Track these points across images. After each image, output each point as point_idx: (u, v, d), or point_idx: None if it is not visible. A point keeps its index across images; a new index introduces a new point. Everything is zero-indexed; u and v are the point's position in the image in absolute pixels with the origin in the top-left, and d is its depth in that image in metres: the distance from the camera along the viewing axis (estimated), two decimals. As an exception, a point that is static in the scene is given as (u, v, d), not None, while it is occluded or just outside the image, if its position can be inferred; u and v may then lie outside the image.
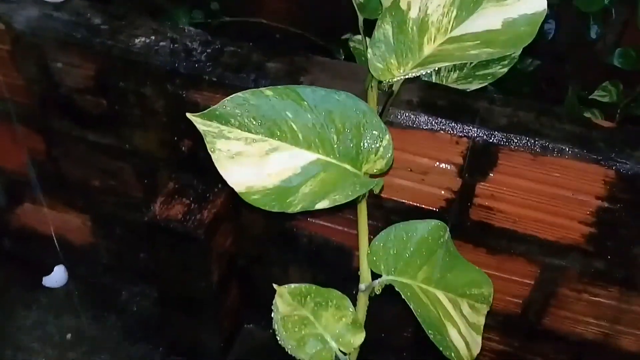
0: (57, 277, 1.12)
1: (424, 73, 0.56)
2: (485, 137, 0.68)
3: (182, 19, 1.31)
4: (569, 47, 1.22)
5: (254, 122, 0.52)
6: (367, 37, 0.80)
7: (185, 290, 0.91)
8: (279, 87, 0.53)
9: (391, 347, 0.93)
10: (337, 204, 0.51)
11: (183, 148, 0.81)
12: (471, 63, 0.74)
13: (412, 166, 0.73)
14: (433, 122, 0.69)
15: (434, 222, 0.55)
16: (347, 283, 0.89)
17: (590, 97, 1.25)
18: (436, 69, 0.73)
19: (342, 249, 0.86)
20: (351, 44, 0.84)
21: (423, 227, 0.55)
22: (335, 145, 0.54)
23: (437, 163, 0.72)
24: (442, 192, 0.74)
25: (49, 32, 0.78)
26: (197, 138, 0.52)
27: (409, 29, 0.57)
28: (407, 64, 0.57)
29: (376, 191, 0.53)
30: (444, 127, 0.69)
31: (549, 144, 0.66)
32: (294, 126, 0.53)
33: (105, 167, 0.89)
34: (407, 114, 0.69)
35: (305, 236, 0.87)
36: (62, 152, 0.91)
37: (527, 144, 0.67)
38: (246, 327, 1.06)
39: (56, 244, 1.08)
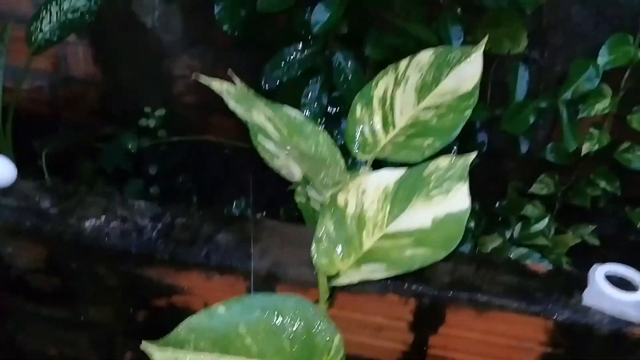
0: None
1: (368, 276, 0.59)
2: (430, 296, 0.71)
3: (130, 144, 1.34)
4: (505, 146, 1.29)
5: (208, 343, 0.54)
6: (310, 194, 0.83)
7: None
8: (231, 300, 0.55)
9: None
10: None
11: (139, 319, 0.82)
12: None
13: (366, 324, 0.75)
14: (380, 287, 0.72)
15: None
16: None
17: (529, 191, 1.33)
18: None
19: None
20: (297, 199, 0.87)
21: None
22: (289, 351, 0.56)
23: (390, 320, 0.75)
24: (397, 345, 0.77)
25: (-3, 220, 0.78)
26: (153, 309, 0.53)
27: (349, 225, 0.61)
28: (350, 256, 0.61)
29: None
30: (391, 290, 0.72)
31: (490, 300, 0.71)
32: (247, 339, 0.55)
33: (61, 338, 0.88)
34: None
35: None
36: (16, 325, 0.90)
37: (470, 301, 0.71)
38: None
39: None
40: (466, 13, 1.11)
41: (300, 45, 0.99)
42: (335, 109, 1.07)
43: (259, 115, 0.60)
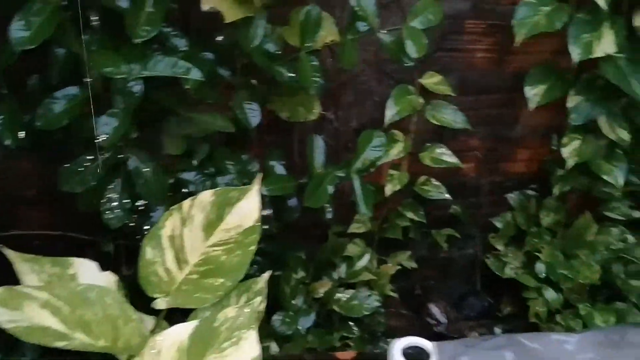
0: None
1: None
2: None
3: None
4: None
5: None
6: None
7: None
8: None
9: None
10: None
11: None
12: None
13: None
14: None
15: None
16: None
17: (348, 231, 1.42)
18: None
19: None
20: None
21: None
22: None
23: None
24: None
25: None
26: None
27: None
28: None
29: None
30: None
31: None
32: None
33: None
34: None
35: None
36: None
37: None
38: None
39: None
40: (262, 84, 1.14)
41: (92, 156, 0.95)
42: (143, 204, 1.04)
43: (32, 306, 0.58)
